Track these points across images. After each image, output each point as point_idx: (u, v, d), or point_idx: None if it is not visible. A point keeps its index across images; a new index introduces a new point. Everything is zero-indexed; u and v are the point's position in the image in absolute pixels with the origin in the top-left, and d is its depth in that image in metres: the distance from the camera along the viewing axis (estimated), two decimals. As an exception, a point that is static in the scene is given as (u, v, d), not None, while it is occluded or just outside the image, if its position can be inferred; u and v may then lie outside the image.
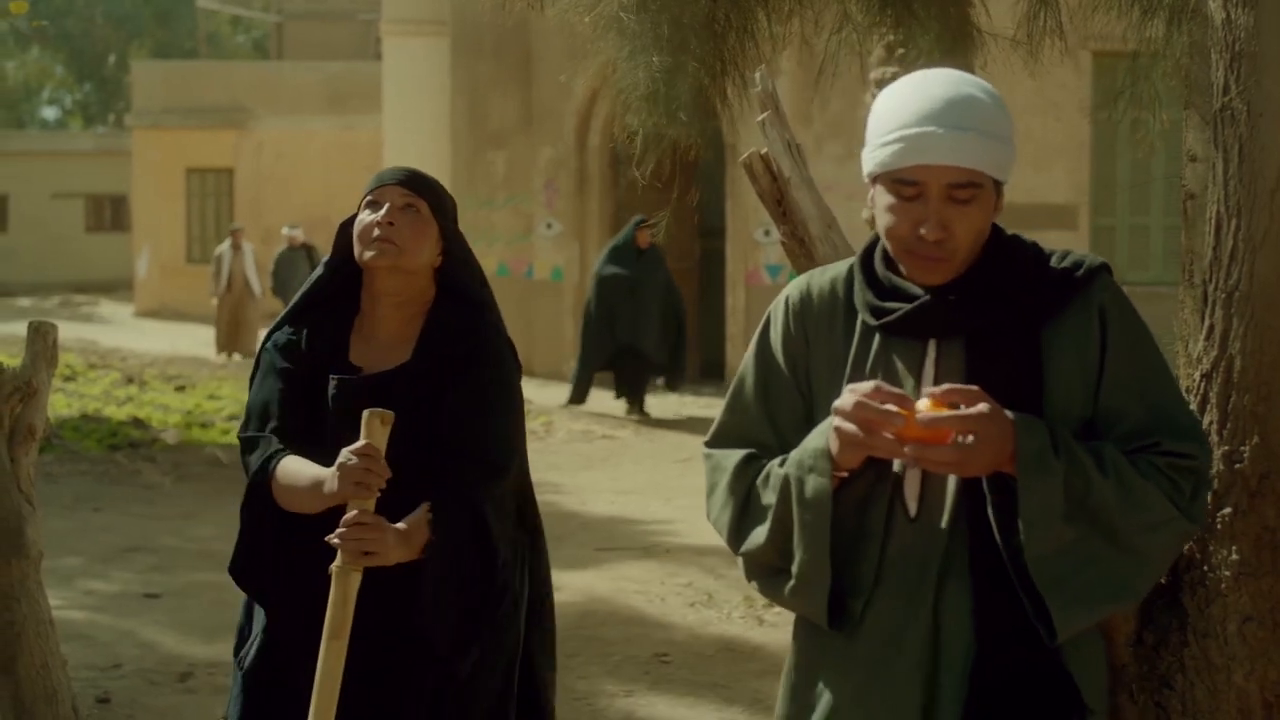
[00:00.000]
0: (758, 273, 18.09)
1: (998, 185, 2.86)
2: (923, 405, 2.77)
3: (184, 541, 10.43)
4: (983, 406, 2.75)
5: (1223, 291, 3.12)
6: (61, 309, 33.34)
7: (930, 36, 6.12)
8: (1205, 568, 3.10)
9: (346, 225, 4.01)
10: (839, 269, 3.04)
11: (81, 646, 7.60)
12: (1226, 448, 3.09)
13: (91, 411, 16.45)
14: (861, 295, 2.95)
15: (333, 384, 3.90)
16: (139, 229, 33.64)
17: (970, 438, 2.74)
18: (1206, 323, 3.17)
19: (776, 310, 3.05)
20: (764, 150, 3.54)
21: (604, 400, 16.92)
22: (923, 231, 2.80)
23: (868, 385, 2.79)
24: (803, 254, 3.67)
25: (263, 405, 3.96)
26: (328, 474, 3.68)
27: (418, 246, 3.92)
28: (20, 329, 7.91)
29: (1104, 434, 2.86)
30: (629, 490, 12.59)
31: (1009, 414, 2.76)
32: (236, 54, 50.71)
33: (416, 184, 4.01)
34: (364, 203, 3.99)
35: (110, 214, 41.89)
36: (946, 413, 2.75)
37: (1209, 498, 3.01)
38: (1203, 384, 3.15)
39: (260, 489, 3.85)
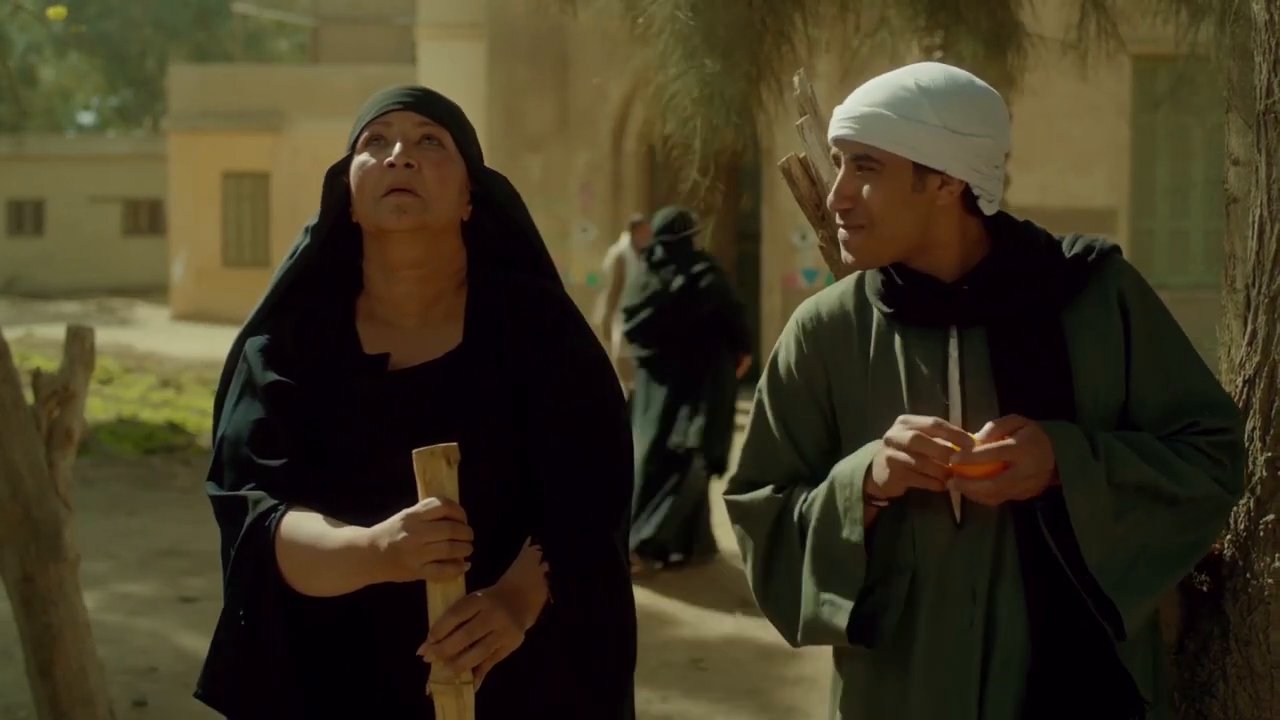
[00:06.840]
0: (794, 277, 18.05)
1: (923, 169, 2.82)
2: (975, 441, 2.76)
3: (219, 546, 10.42)
4: (1023, 433, 2.74)
5: (1265, 296, 3.09)
6: (98, 313, 33.47)
7: (977, 39, 6.10)
8: (1248, 575, 3.07)
9: (338, 173, 2.89)
10: (844, 284, 3.03)
11: (117, 650, 7.63)
12: (1270, 454, 3.06)
13: (128, 415, 16.51)
14: (873, 286, 2.93)
15: (361, 386, 2.73)
16: (175, 233, 33.71)
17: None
18: (1249, 328, 3.14)
19: (788, 337, 3.02)
20: (802, 154, 3.51)
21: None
22: (829, 199, 2.89)
23: (926, 421, 2.76)
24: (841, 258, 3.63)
25: (243, 443, 2.73)
26: (368, 533, 2.54)
27: (447, 195, 2.76)
28: (58, 332, 7.91)
29: (1138, 417, 2.86)
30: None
31: (1045, 430, 2.75)
32: (274, 58, 50.85)
33: (435, 107, 2.81)
34: (362, 137, 2.83)
35: (147, 218, 42.01)
36: (989, 445, 2.73)
37: (1245, 467, 2.98)
38: (1245, 389, 3.12)
39: (254, 561, 2.69)
